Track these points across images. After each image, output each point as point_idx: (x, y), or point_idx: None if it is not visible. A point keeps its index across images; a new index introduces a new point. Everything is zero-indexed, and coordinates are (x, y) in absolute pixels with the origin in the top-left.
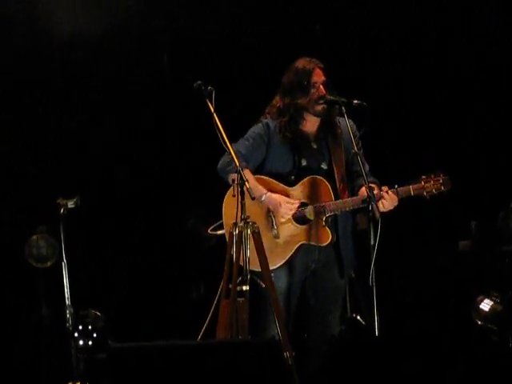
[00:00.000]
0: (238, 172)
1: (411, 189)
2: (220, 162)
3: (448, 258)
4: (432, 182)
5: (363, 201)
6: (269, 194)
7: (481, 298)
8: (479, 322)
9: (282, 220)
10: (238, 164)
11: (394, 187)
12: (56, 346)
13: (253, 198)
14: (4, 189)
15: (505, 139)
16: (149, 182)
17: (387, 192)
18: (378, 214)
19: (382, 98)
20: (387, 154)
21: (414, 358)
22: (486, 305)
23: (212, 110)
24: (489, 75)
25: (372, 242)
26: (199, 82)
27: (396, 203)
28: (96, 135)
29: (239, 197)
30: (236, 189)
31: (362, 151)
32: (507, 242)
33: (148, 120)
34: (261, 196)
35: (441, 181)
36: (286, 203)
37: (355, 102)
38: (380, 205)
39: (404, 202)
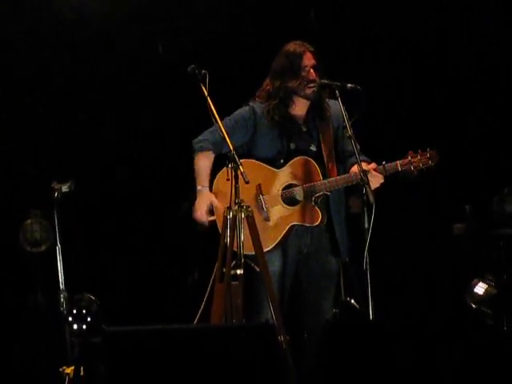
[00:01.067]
0: (232, 156)
1: (398, 164)
2: (196, 139)
3: (442, 242)
4: (419, 156)
5: (354, 179)
6: (205, 190)
7: (475, 281)
8: (474, 306)
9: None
10: (231, 148)
11: (382, 163)
12: (50, 330)
13: (247, 182)
14: None
15: (500, 127)
16: (149, 181)
17: (374, 170)
18: (371, 198)
19: (382, 98)
20: (387, 153)
21: (408, 341)
22: (480, 288)
23: (206, 94)
24: (489, 75)
25: (366, 226)
26: (193, 65)
27: (382, 180)
28: (96, 135)
29: (233, 180)
30: (230, 172)
31: (352, 130)
32: (502, 225)
33: (148, 120)
34: (197, 187)
35: (428, 155)
36: (202, 207)
37: (349, 85)
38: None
39: (398, 185)
